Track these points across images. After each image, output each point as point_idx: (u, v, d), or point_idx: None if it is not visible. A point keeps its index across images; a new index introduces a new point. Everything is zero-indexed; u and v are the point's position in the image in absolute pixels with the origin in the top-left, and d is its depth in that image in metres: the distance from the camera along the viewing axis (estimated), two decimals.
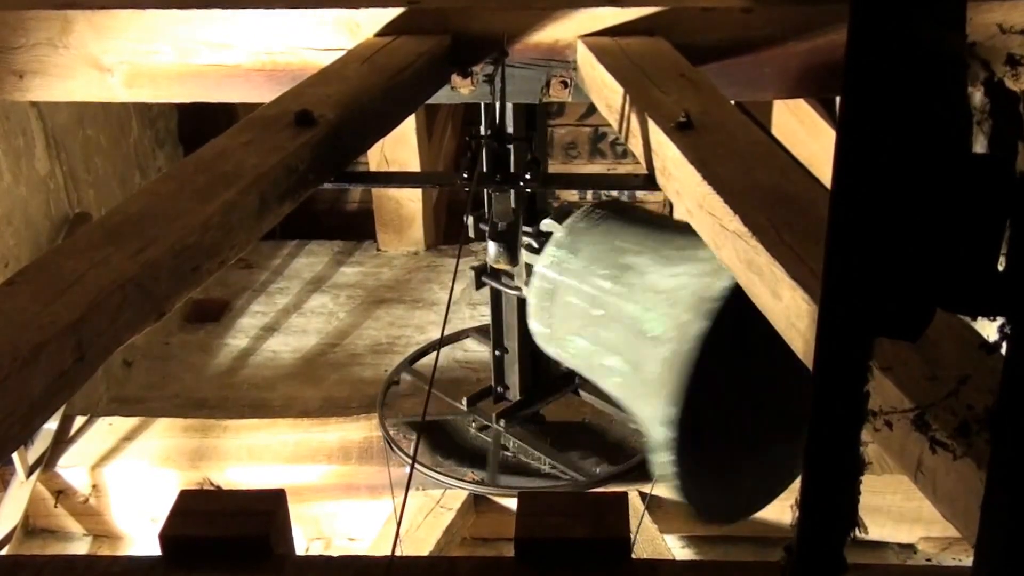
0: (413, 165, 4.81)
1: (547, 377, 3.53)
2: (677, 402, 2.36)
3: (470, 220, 2.80)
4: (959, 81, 0.69)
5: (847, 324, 0.73)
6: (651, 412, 2.47)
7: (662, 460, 2.44)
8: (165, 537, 1.39)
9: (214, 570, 1.38)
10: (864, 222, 0.73)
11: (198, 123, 5.28)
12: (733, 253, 1.92)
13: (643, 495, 3.28)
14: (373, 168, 4.82)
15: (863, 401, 0.74)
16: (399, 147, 4.70)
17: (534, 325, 2.84)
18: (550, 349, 2.92)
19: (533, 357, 3.41)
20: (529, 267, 2.83)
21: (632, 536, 1.46)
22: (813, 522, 0.77)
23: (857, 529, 0.77)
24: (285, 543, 1.50)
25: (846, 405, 0.74)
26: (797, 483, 0.84)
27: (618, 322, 2.63)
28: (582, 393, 3.57)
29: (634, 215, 2.86)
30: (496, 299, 3.35)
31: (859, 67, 0.70)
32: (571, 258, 2.71)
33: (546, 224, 2.77)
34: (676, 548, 3.46)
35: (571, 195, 5.76)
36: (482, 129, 2.70)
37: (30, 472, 3.52)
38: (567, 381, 3.56)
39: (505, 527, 3.44)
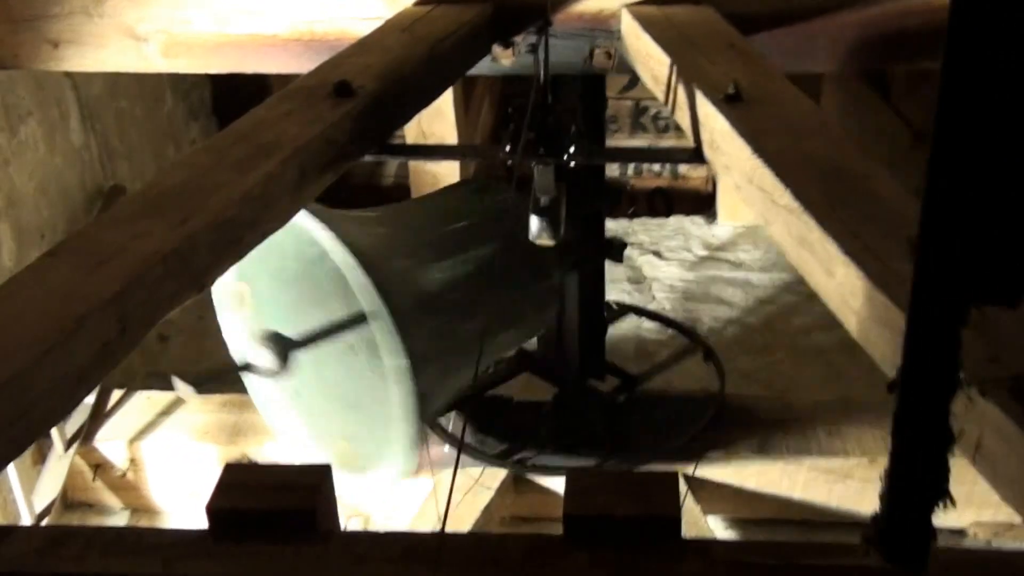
0: (451, 138, 4.76)
1: (601, 352, 3.50)
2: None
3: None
4: None
5: (944, 290, 0.69)
6: None
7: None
8: (212, 510, 1.37)
9: (261, 543, 1.36)
10: (964, 186, 0.69)
11: (232, 94, 5.26)
12: (784, 229, 1.88)
13: (686, 476, 3.25)
14: (410, 141, 4.78)
15: (957, 370, 0.70)
16: (436, 120, 4.65)
17: None
18: None
19: (585, 331, 3.39)
20: None
21: None
22: (901, 492, 0.73)
23: (946, 500, 0.73)
24: (331, 518, 1.48)
25: (940, 374, 0.70)
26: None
27: None
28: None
29: None
30: None
31: (963, 29, 0.65)
32: None
33: None
34: (719, 530, 3.42)
35: (612, 169, 5.70)
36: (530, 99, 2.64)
37: (68, 445, 3.53)
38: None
39: (545, 506, 3.42)
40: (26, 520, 3.32)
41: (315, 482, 1.44)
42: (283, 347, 2.65)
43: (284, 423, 3.04)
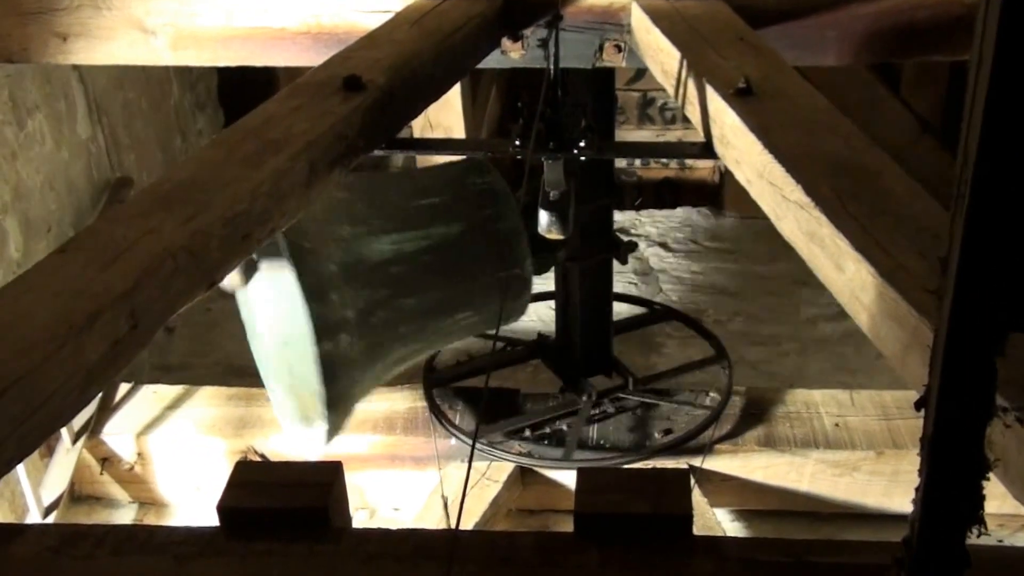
0: (458, 130, 4.73)
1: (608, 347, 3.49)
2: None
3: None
4: None
5: (982, 318, 0.68)
6: None
7: None
8: (223, 509, 1.37)
9: (272, 542, 1.35)
10: (1004, 209, 0.67)
11: (238, 84, 5.24)
12: (795, 224, 1.88)
13: (693, 468, 3.24)
14: (417, 133, 4.76)
15: (992, 398, 0.70)
16: (444, 112, 4.63)
17: None
18: None
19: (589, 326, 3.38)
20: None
21: None
22: (934, 517, 0.72)
23: (979, 527, 0.72)
24: (343, 515, 1.48)
25: (975, 402, 0.69)
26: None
27: None
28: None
29: None
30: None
31: (1012, 46, 0.64)
32: None
33: None
34: (726, 522, 3.42)
35: (619, 162, 5.67)
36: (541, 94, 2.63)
37: (75, 439, 3.53)
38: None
39: (551, 499, 3.41)
40: (34, 513, 3.32)
41: (327, 480, 1.44)
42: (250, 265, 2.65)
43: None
